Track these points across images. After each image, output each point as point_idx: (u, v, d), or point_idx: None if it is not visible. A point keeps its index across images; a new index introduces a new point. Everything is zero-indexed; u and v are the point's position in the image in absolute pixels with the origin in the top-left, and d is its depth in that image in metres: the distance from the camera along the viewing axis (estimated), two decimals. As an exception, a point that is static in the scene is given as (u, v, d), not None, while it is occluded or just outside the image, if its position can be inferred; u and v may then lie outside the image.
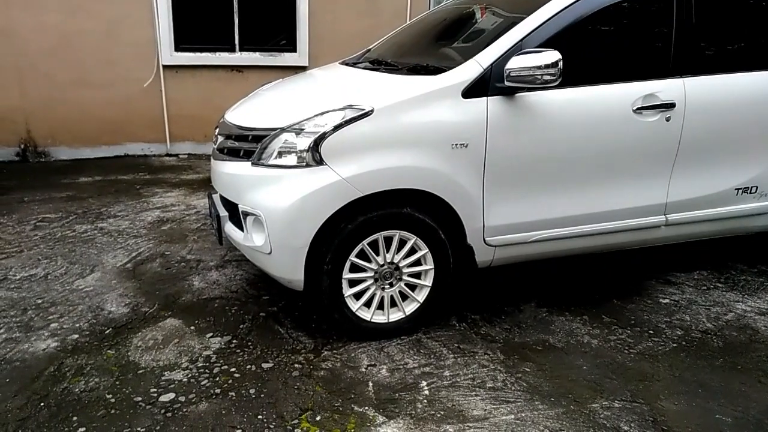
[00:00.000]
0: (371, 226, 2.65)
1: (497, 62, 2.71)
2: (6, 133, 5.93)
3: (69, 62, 5.94)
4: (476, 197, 2.78)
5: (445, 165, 2.68)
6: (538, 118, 2.81)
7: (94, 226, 4.17)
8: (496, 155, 2.76)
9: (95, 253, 3.73)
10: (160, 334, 2.83)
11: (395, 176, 2.62)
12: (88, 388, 2.41)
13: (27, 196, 4.82)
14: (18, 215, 4.37)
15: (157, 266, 3.58)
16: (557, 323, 3.08)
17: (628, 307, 3.25)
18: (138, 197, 4.90)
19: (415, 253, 2.79)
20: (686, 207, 3.20)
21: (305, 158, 2.55)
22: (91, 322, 2.90)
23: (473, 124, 2.71)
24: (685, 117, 3.03)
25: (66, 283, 3.32)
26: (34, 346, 2.69)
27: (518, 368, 2.65)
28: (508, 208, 2.87)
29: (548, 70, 2.62)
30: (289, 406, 2.33)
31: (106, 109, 6.10)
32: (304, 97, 3.07)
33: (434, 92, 2.68)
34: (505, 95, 2.74)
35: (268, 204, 2.59)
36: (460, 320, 3.06)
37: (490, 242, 2.89)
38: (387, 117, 2.61)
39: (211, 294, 3.26)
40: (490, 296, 3.33)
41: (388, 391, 2.45)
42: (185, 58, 6.25)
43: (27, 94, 5.92)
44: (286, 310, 3.08)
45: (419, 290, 2.86)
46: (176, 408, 2.30)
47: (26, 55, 5.84)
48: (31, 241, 3.89)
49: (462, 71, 2.73)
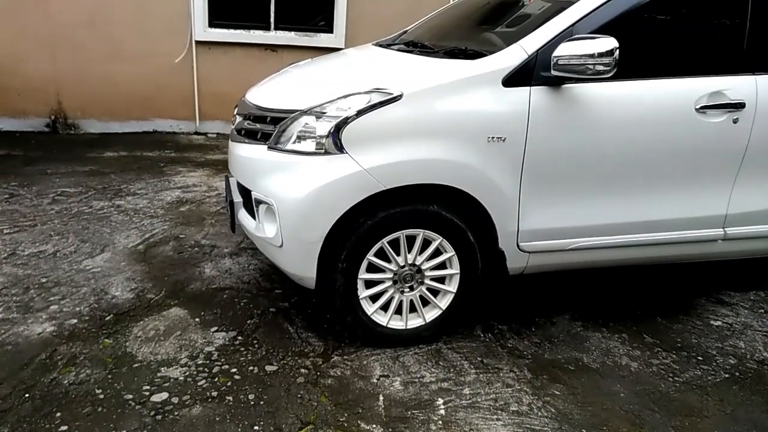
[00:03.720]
0: (392, 223, 2.41)
1: (544, 48, 2.42)
2: (38, 103, 5.86)
3: (101, 34, 5.82)
4: (511, 197, 2.51)
5: (479, 160, 2.41)
6: (587, 112, 2.51)
7: (112, 204, 4.03)
8: (537, 152, 2.47)
9: (108, 232, 3.58)
10: (162, 325, 2.65)
11: (422, 170, 2.36)
12: (78, 380, 2.24)
13: (50, 169, 4.72)
14: (38, 187, 4.26)
15: (170, 250, 3.41)
16: (593, 340, 2.79)
17: (674, 328, 2.94)
18: (160, 175, 4.76)
19: (439, 256, 2.53)
20: (748, 220, 2.86)
21: (324, 145, 2.32)
22: (92, 307, 2.74)
23: (513, 115, 2.42)
24: (756, 119, 2.68)
25: (74, 262, 3.17)
26: (29, 329, 2.54)
27: (547, 390, 2.38)
28: (546, 211, 2.58)
29: (602, 60, 2.32)
30: (290, 417, 2.11)
31: (136, 83, 5.97)
32: (331, 78, 2.83)
33: (471, 78, 2.40)
34: (551, 86, 2.45)
35: (281, 193, 2.37)
36: (486, 330, 2.80)
37: (524, 248, 2.61)
38: (417, 103, 2.35)
39: (222, 283, 3.07)
40: (520, 304, 3.06)
41: (399, 407, 2.21)
42: (218, 35, 6.07)
43: (59, 65, 5.83)
44: (298, 307, 2.87)
45: (442, 296, 2.61)
46: (167, 410, 2.11)
47: (60, 26, 5.73)
48: (46, 216, 3.77)
49: (504, 57, 2.45)
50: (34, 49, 5.74)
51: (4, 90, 5.72)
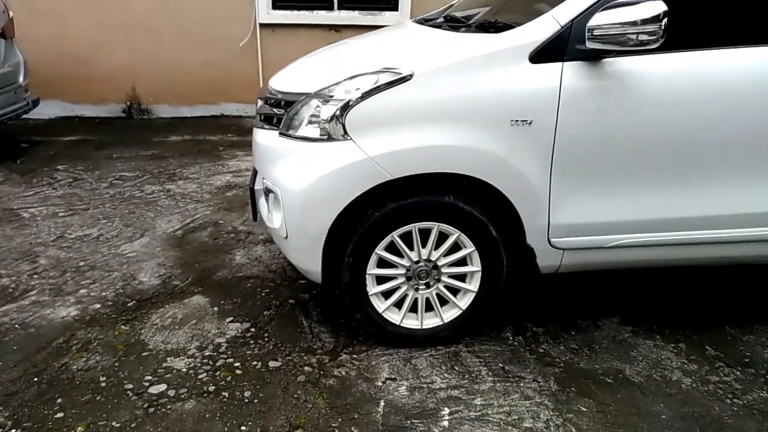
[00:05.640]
0: (403, 215, 2.22)
1: (580, 18, 2.11)
2: (115, 90, 6.14)
3: (172, 21, 5.99)
4: (540, 188, 2.23)
5: (500, 146, 2.16)
6: (631, 90, 2.17)
7: (162, 188, 4.12)
8: (570, 136, 2.18)
9: (152, 216, 3.65)
10: (181, 313, 2.64)
11: (434, 157, 2.15)
12: (87, 366, 2.26)
13: (116, 153, 4.92)
14: (100, 172, 4.44)
15: (206, 235, 3.42)
16: (642, 349, 2.47)
17: (744, 339, 2.54)
18: (216, 159, 4.82)
19: (458, 251, 2.32)
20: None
21: (328, 130, 2.16)
22: (118, 292, 2.78)
23: (541, 95, 2.14)
24: None
25: (113, 246, 3.25)
26: (55, 312, 2.61)
27: (572, 405, 2.12)
28: (583, 204, 2.28)
29: (646, 27, 1.98)
30: (280, 419, 2.01)
31: (204, 68, 6.09)
32: (350, 58, 2.65)
33: (491, 55, 2.14)
34: (588, 60, 2.14)
35: (284, 182, 2.24)
36: (517, 332, 2.55)
37: (557, 244, 2.33)
38: (429, 83, 2.13)
39: (249, 272, 3.02)
40: (562, 304, 2.77)
41: (399, 415, 2.04)
42: (282, 16, 6.05)
43: (134, 52, 6.06)
44: (318, 300, 2.75)
45: (462, 295, 2.39)
46: (161, 403, 2.07)
47: (135, 15, 5.95)
48: (100, 199, 3.91)
49: (532, 29, 2.16)
50: (112, 38, 6.00)
51: (86, 78, 6.04)
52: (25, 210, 3.71)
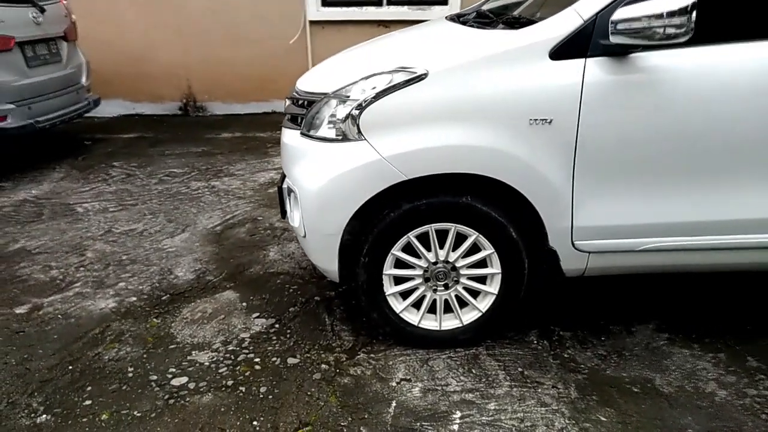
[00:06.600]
0: (419, 216, 2.20)
1: (605, 11, 2.01)
2: (171, 88, 6.39)
3: (224, 20, 6.16)
4: (562, 189, 2.15)
5: (519, 146, 2.10)
6: (661, 86, 2.05)
7: (208, 184, 4.26)
8: (594, 136, 2.09)
9: (194, 212, 3.78)
10: (211, 307, 2.72)
11: (449, 157, 2.11)
12: (117, 357, 2.38)
13: (168, 150, 5.12)
14: (152, 168, 4.64)
15: (244, 231, 3.51)
16: (676, 358, 2.35)
17: (791, 351, 2.38)
18: (263, 156, 4.93)
19: (477, 253, 2.27)
20: None
21: (343, 130, 2.17)
22: (154, 286, 2.91)
23: (562, 93, 2.06)
24: None
25: (155, 241, 3.39)
26: (95, 304, 2.76)
27: (590, 415, 2.04)
28: (608, 206, 2.19)
29: (672, 20, 1.87)
30: (290, 415, 2.04)
31: (255, 66, 6.24)
32: (372, 57, 2.63)
33: (510, 52, 2.08)
34: (613, 56, 2.04)
35: (302, 181, 2.27)
36: (542, 336, 2.48)
37: (582, 247, 2.24)
38: (444, 83, 2.09)
39: (280, 268, 3.08)
40: (596, 308, 2.67)
41: (410, 417, 2.04)
42: (331, 13, 6.11)
43: (189, 51, 6.28)
44: (343, 297, 2.78)
45: (482, 297, 2.35)
46: (181, 395, 2.15)
47: (188, 15, 6.17)
48: (149, 195, 4.08)
49: (553, 24, 2.08)
50: (167, 37, 6.24)
51: (144, 76, 6.32)
52: (80, 205, 3.93)
